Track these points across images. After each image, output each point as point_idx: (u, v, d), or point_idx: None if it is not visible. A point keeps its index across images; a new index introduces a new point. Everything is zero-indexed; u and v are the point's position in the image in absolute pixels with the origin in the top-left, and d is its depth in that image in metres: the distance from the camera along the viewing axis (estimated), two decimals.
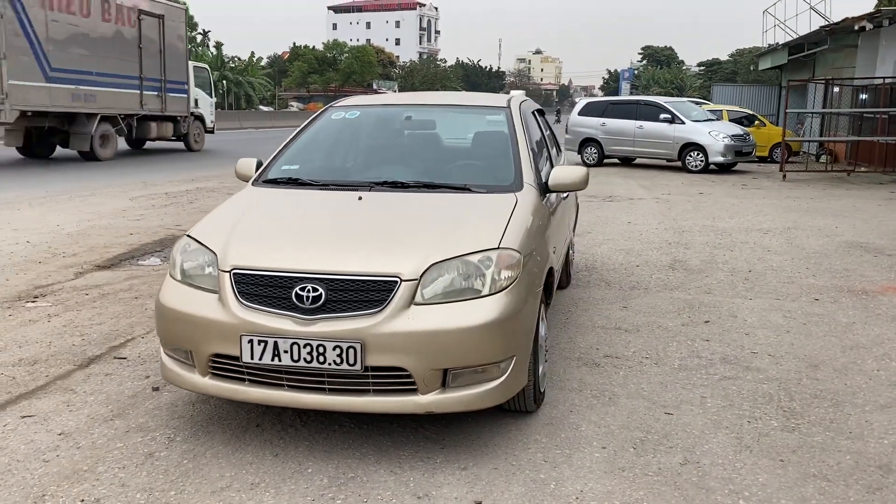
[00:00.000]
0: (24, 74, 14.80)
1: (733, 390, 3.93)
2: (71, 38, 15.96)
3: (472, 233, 3.29)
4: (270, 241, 3.34)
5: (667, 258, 7.36)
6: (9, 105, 14.50)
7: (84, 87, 16.54)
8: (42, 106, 15.54)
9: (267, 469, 3.04)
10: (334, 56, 71.92)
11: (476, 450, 3.22)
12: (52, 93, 15.64)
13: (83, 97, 16.54)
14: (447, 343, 2.97)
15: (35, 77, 15.15)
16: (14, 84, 14.55)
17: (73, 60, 16.03)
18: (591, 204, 11.40)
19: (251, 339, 2.99)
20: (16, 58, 14.48)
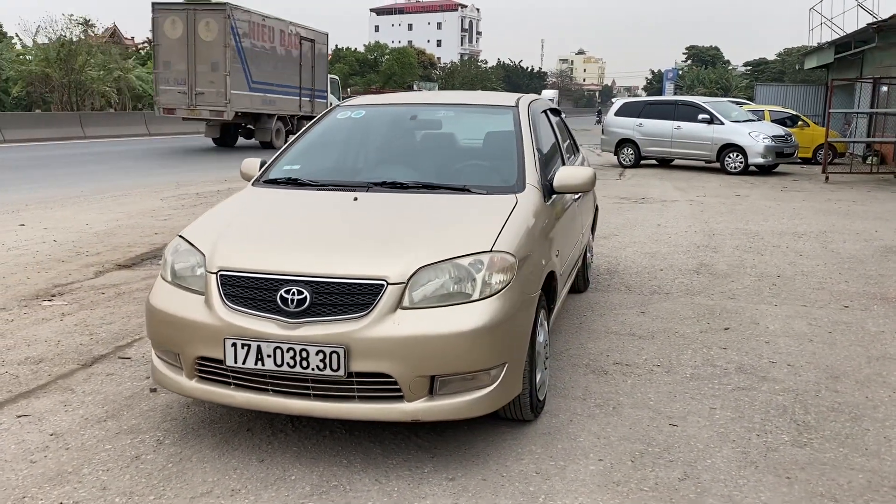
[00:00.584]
0: (238, 86, 20.94)
1: (745, 401, 3.76)
2: (262, 59, 22.10)
3: (465, 235, 3.19)
4: (258, 242, 3.29)
5: (693, 262, 7.15)
6: (230, 108, 20.67)
7: (269, 95, 22.65)
8: (245, 108, 21.59)
9: (251, 475, 2.98)
10: (375, 58, 72.27)
11: (467, 460, 3.12)
12: (252, 99, 21.79)
13: (268, 102, 22.66)
14: (434, 349, 2.88)
15: (244, 88, 21.25)
16: (233, 93, 20.71)
17: (263, 75, 22.09)
18: (622, 206, 11.20)
19: (235, 343, 2.94)
20: (234, 75, 20.63)
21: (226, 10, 20.10)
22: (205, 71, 20.42)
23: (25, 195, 11.07)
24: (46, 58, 40.75)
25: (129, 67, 48.63)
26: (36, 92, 40.77)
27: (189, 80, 20.51)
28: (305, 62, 24.51)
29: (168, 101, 20.89)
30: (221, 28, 20.11)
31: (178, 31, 20.32)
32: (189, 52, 20.31)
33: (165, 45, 20.50)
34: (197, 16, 20.27)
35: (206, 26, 20.21)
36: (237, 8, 20.80)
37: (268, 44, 22.36)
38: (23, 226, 8.50)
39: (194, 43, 20.27)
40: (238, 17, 20.68)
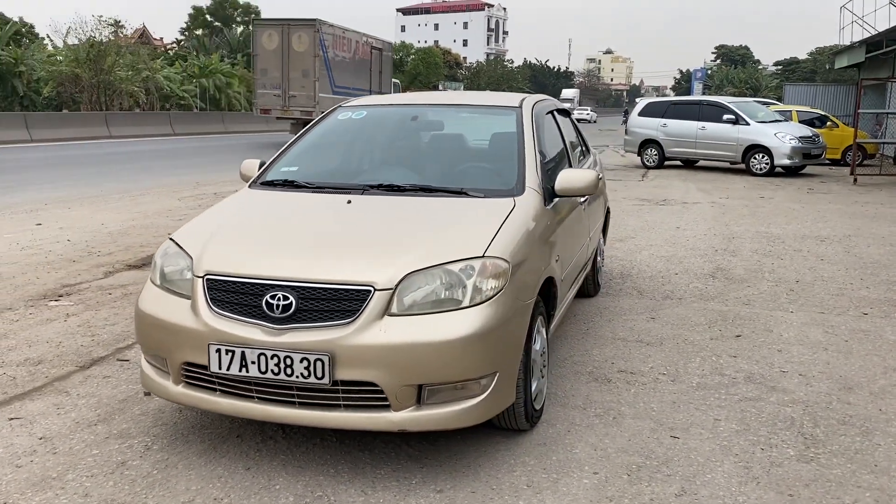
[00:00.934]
0: (324, 90, 23.83)
1: (751, 413, 3.63)
2: (343, 66, 25.11)
3: (458, 240, 3.10)
4: (246, 245, 3.23)
5: (709, 266, 6.99)
6: (318, 108, 22.82)
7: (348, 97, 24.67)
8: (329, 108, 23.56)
9: (235, 483, 2.93)
10: (401, 58, 72.32)
11: (457, 471, 3.04)
12: (334, 101, 22.28)
13: None
14: (421, 357, 2.79)
15: (328, 91, 23.96)
16: (321, 96, 23.62)
17: (344, 80, 25.00)
18: (641, 208, 11.04)
19: (219, 349, 2.88)
20: (321, 80, 23.70)
21: (315, 25, 23.55)
22: (297, 77, 23.59)
23: (46, 194, 11.17)
24: (76, 58, 41.33)
25: (157, 68, 49.13)
26: (66, 92, 41.33)
27: (283, 84, 23.72)
28: (375, 68, 28.07)
29: (264, 102, 24.12)
30: (311, 40, 23.48)
31: (274, 43, 23.73)
32: (283, 62, 23.71)
33: (263, 56, 23.91)
34: (290, 30, 23.57)
35: (299, 39, 23.52)
36: (324, 23, 24.16)
37: (347, 53, 25.70)
38: (39, 225, 8.56)
39: (288, 53, 23.57)
40: (325, 31, 23.91)
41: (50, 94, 41.47)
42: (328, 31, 24.15)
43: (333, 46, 24.63)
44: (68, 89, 40.55)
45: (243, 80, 53.82)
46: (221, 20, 68.65)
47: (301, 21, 23.91)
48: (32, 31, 53.73)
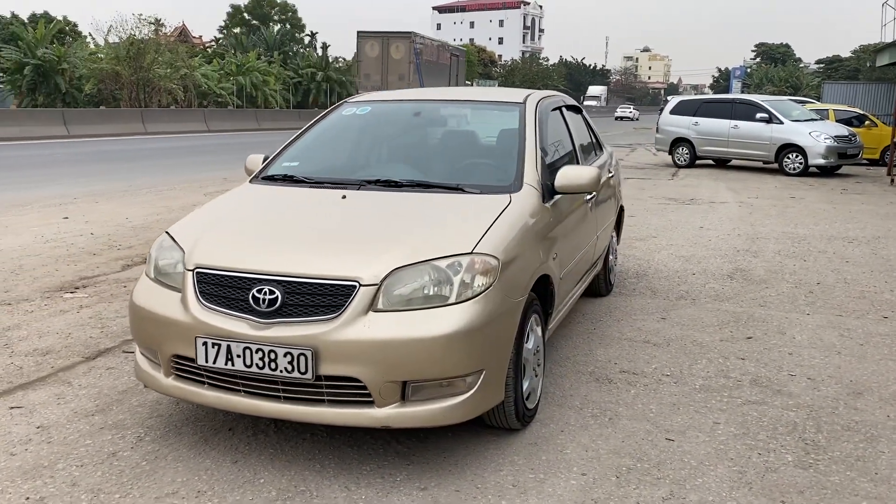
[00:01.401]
0: None
1: (753, 417, 3.55)
2: (430, 70, 30.27)
3: (448, 236, 3.08)
4: (237, 240, 3.24)
5: (729, 266, 6.86)
6: None
7: None
8: None
9: (221, 477, 2.94)
10: None
11: (443, 469, 3.01)
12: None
13: None
14: (405, 354, 2.77)
15: None
16: None
17: (430, 81, 29.98)
18: (667, 207, 10.88)
19: (206, 342, 2.90)
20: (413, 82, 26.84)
21: (410, 37, 29.81)
22: (394, 80, 29.06)
23: (77, 188, 11.39)
24: (117, 56, 42.09)
25: (195, 65, 49.80)
26: (106, 89, 42.09)
27: (382, 87, 28.70)
28: (453, 71, 34.04)
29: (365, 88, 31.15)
30: (407, 49, 29.86)
31: (376, 51, 30.54)
32: (383, 67, 30.18)
33: (365, 62, 30.93)
34: (389, 41, 30.11)
35: (396, 48, 29.98)
36: (417, 35, 29.98)
37: (433, 59, 31.82)
38: (66, 219, 8.73)
39: (387, 60, 29.93)
40: (417, 42, 29.75)
41: (91, 91, 42.27)
42: (420, 42, 30.42)
43: (423, 53, 31.16)
44: (108, 86, 41.33)
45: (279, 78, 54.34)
46: (259, 18, 69.39)
47: (399, 33, 30.28)
48: (76, 29, 54.86)
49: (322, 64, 58.31)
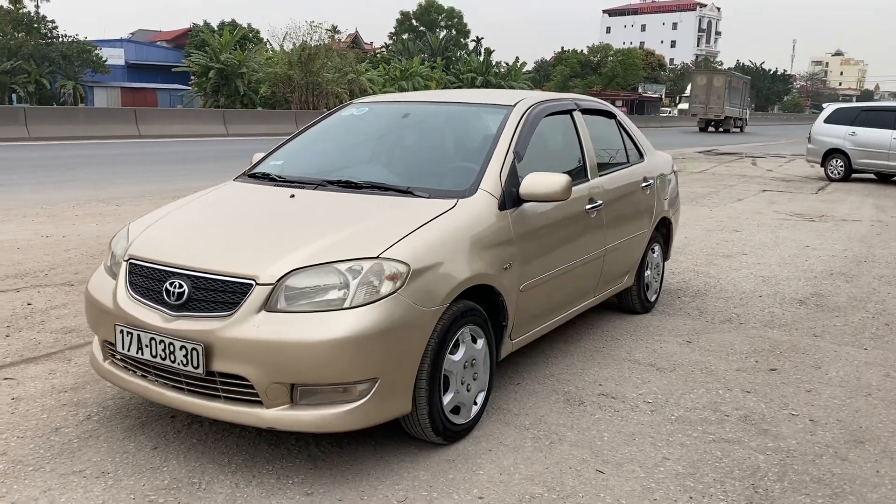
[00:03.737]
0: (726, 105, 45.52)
1: (713, 456, 3.20)
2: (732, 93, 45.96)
3: (361, 239, 3.02)
4: (170, 233, 3.35)
5: (808, 290, 6.22)
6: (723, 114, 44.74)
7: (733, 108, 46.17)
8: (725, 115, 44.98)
9: (132, 461, 3.05)
10: (599, 60, 71.08)
11: (341, 476, 2.96)
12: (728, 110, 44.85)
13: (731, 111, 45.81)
14: (291, 356, 2.76)
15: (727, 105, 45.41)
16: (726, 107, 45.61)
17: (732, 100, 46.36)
18: (784, 223, 10.04)
19: (122, 329, 3.03)
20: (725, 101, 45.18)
21: (727, 74, 47.90)
22: (714, 99, 44.67)
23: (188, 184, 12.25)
24: (289, 61, 44.85)
25: (362, 70, 52.04)
26: (279, 92, 44.93)
27: (706, 103, 45.01)
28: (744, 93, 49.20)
29: (694, 111, 46.42)
30: (724, 81, 45.29)
31: (703, 81, 46.31)
32: (707, 91, 45.00)
33: (695, 87, 46.63)
34: (713, 75, 47.53)
35: (717, 80, 45.71)
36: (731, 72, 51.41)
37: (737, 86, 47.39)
38: None
39: (710, 87, 44.97)
40: (730, 76, 47.20)
41: (266, 93, 45.32)
42: (731, 75, 47.61)
43: (731, 82, 45.83)
44: (281, 89, 44.13)
45: (440, 83, 55.59)
46: (426, 24, 71.37)
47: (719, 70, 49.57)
48: (258, 36, 59.02)
49: (483, 69, 59.03)
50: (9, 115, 19.91)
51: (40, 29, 53.27)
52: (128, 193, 10.76)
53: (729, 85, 45.54)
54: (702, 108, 45.83)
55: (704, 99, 45.38)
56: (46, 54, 51.96)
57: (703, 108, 45.76)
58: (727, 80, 45.86)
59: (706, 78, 46.85)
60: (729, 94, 45.26)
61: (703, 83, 46.13)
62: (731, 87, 45.63)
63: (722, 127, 46.42)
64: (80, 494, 2.78)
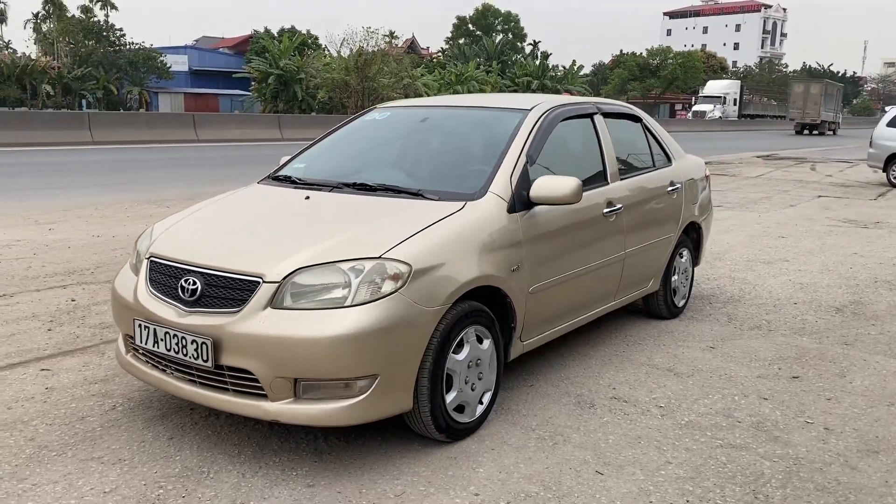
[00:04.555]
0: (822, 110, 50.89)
1: (717, 462, 3.18)
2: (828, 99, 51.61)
3: (366, 240, 3.11)
4: (190, 233, 3.50)
5: (847, 298, 6.07)
6: (819, 118, 50.26)
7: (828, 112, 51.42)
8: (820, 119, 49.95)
9: (148, 450, 3.19)
10: (658, 62, 70.04)
11: (344, 470, 3.05)
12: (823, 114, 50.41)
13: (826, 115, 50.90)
14: (294, 352, 2.86)
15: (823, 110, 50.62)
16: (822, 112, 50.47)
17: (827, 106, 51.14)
18: (835, 230, 9.78)
19: (140, 324, 3.19)
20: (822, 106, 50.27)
21: (822, 83, 51.25)
22: (811, 104, 49.27)
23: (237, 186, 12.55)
24: (346, 67, 45.50)
25: (417, 75, 52.40)
26: (336, 97, 45.66)
27: (803, 108, 49.86)
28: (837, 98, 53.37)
29: (793, 115, 51.14)
30: (820, 89, 49.45)
31: (801, 89, 50.29)
32: (805, 98, 49.65)
33: (794, 94, 50.84)
34: (811, 83, 51.45)
35: (813, 87, 49.94)
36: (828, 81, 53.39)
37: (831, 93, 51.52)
38: None
39: (807, 94, 49.44)
40: (826, 83, 51.00)
41: (323, 98, 46.13)
42: (827, 84, 51.41)
43: (826, 90, 49.71)
44: (338, 94, 44.84)
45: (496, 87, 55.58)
46: (482, 29, 71.51)
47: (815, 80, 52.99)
48: (317, 42, 60.09)
49: (539, 72, 58.82)
50: (74, 120, 20.76)
51: (109, 37, 55.27)
52: (179, 195, 11.12)
53: (825, 92, 49.97)
54: (798, 113, 50.78)
55: (801, 105, 50.16)
56: (114, 61, 53.88)
57: (801, 112, 50.52)
58: (823, 88, 50.07)
59: (804, 86, 51.17)
60: (824, 100, 49.95)
61: (800, 90, 50.60)
62: (826, 94, 50.12)
63: (817, 130, 50.38)
64: (97, 479, 2.94)
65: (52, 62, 53.28)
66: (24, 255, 6.86)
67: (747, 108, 67.69)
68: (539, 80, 57.55)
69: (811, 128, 50.69)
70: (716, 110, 60.97)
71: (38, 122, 20.13)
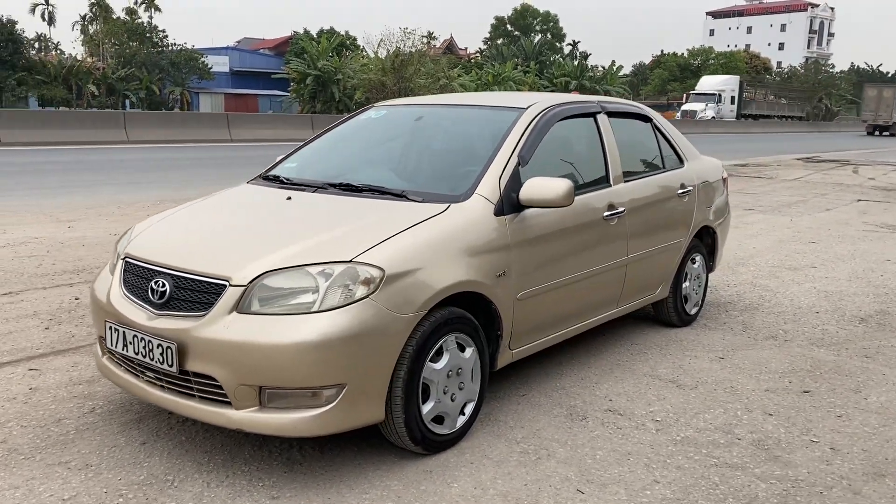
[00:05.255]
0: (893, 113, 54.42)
1: (710, 482, 2.99)
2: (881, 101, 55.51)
3: (339, 242, 2.99)
4: (165, 233, 3.42)
5: (874, 307, 5.78)
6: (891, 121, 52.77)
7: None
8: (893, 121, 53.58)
9: (119, 455, 3.12)
10: (699, 63, 68.89)
11: (313, 482, 2.93)
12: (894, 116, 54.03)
13: None
14: (258, 358, 2.75)
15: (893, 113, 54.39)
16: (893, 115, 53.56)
17: None
18: (870, 235, 9.40)
19: (111, 326, 3.11)
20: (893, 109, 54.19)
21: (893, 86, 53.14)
22: (883, 107, 52.15)
23: None
24: (383, 67, 45.62)
25: (454, 76, 52.33)
26: (373, 98, 45.82)
27: (876, 111, 52.62)
28: None
29: (866, 117, 53.40)
30: (892, 93, 51.90)
31: (874, 93, 53.41)
32: (878, 101, 53.03)
33: (867, 99, 54.42)
34: (883, 88, 54.15)
35: (886, 92, 52.56)
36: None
37: None
38: None
39: (880, 98, 52.67)
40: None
41: (360, 99, 46.36)
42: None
43: None
44: (375, 95, 44.99)
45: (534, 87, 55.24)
46: (521, 29, 71.17)
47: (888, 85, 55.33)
48: (355, 43, 60.39)
49: (577, 73, 58.31)
50: (109, 120, 21.10)
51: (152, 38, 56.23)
52: (203, 194, 11.12)
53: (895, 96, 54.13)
54: (871, 115, 53.96)
55: (874, 108, 53.69)
56: (157, 62, 54.81)
57: (873, 115, 53.74)
58: (894, 92, 53.90)
59: (877, 90, 54.49)
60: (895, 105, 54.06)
61: (873, 94, 54.18)
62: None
63: (888, 132, 53.11)
64: (59, 485, 2.87)
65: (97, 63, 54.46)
66: (38, 252, 6.91)
67: (748, 106, 60.99)
68: (577, 80, 57.01)
69: (882, 129, 52.96)
70: (708, 109, 54.11)
71: (75, 121, 20.50)
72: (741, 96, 59.65)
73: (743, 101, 60.03)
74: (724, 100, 57.42)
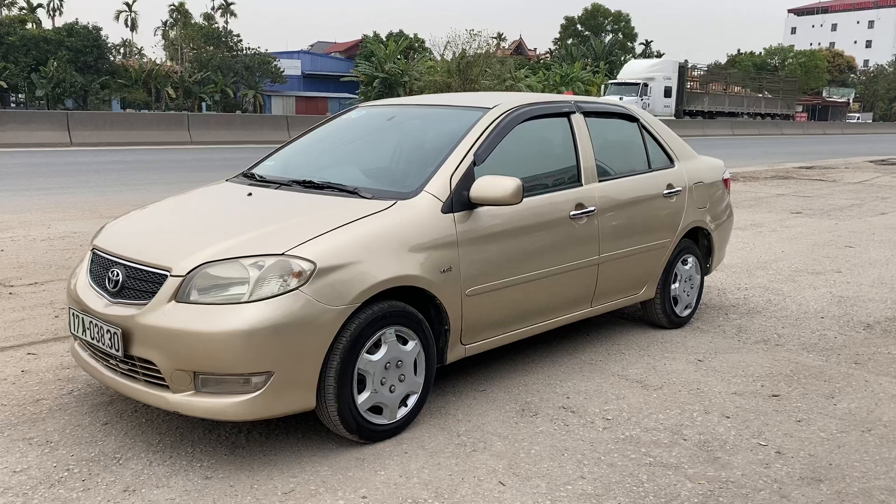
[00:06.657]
0: None
1: (637, 480, 2.99)
2: None
3: (277, 236, 3.13)
4: (130, 225, 3.63)
5: (886, 314, 5.58)
6: None
7: None
8: None
9: (78, 433, 3.31)
10: (777, 62, 66.68)
11: (248, 465, 3.08)
12: None
13: None
14: (192, 345, 2.91)
15: None
16: None
17: None
18: None
19: (73, 312, 3.34)
20: None
21: None
22: None
23: None
24: (449, 69, 45.87)
25: (520, 77, 52.15)
26: None
27: None
28: None
29: None
30: None
31: None
32: None
33: None
34: None
35: None
36: None
37: None
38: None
39: None
40: None
41: None
42: None
43: None
44: None
45: None
46: (591, 29, 70.36)
47: None
48: (422, 45, 60.88)
49: None
50: (174, 122, 21.96)
51: (227, 42, 58.02)
52: None
53: None
54: None
55: None
56: (231, 66, 56.51)
57: None
58: None
59: None
60: None
61: None
62: None
63: None
64: (15, 459, 3.09)
65: (175, 67, 56.62)
66: (72, 245, 7.31)
67: (692, 101, 48.06)
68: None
69: None
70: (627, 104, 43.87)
71: (141, 122, 21.43)
72: (682, 87, 46.68)
73: (685, 93, 47.24)
74: (654, 91, 43.99)
